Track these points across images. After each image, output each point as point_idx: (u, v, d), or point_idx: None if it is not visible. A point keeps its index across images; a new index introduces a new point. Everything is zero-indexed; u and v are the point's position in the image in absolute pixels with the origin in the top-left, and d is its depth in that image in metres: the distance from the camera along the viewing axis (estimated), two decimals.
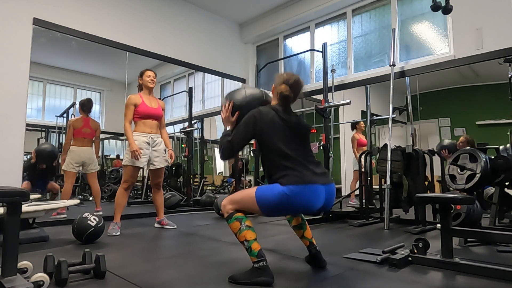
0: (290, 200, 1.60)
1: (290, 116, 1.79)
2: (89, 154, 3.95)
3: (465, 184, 2.85)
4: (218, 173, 7.05)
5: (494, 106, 3.62)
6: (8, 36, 3.36)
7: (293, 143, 1.73)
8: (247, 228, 1.64)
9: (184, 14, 4.96)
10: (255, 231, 1.66)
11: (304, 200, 1.63)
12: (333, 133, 4.58)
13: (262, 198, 1.64)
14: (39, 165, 4.02)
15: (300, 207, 1.65)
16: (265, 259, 1.61)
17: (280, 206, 1.62)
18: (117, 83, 4.84)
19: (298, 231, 1.93)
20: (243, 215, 1.68)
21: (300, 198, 1.61)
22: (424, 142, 4.06)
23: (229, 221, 1.67)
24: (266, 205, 1.64)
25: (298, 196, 1.61)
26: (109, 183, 5.09)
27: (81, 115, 4.00)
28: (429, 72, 3.72)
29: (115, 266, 1.89)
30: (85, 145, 3.94)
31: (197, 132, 5.94)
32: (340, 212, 3.94)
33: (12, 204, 1.42)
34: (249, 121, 1.75)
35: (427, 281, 1.68)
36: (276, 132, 1.72)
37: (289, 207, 1.63)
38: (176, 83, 5.66)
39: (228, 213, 1.69)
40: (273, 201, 1.62)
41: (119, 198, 3.02)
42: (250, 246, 1.61)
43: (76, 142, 3.92)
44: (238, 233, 1.64)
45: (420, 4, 4.01)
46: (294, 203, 1.61)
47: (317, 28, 5.11)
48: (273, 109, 1.77)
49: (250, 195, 1.67)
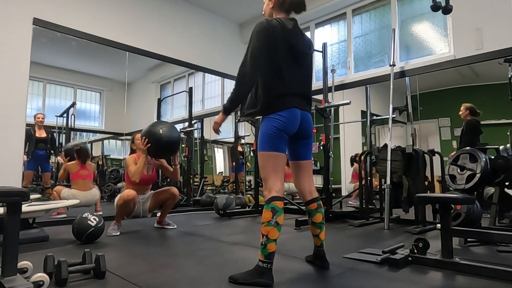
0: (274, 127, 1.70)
1: (296, 34, 1.80)
2: (93, 196, 3.89)
3: (465, 184, 2.85)
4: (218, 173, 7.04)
5: (494, 106, 3.62)
6: (8, 36, 3.36)
7: (290, 64, 1.77)
8: (275, 225, 1.61)
9: (184, 14, 4.96)
10: (280, 230, 1.64)
11: (284, 121, 1.71)
12: (333, 133, 4.58)
13: (263, 145, 1.71)
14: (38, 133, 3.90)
15: (286, 128, 1.72)
16: (272, 262, 1.60)
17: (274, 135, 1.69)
18: (117, 83, 4.83)
19: (315, 229, 1.89)
20: (280, 207, 1.65)
21: (286, 121, 1.71)
22: (424, 142, 4.06)
23: (266, 206, 1.66)
24: (269, 144, 1.70)
25: (284, 120, 1.71)
26: (109, 183, 5.09)
27: (76, 161, 3.90)
28: (429, 72, 3.72)
29: (115, 266, 1.89)
30: (87, 189, 3.84)
31: (197, 132, 5.93)
32: (340, 212, 3.94)
33: (12, 204, 1.41)
34: (260, 30, 1.72)
35: (427, 281, 1.67)
36: (278, 49, 1.73)
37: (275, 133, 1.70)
38: (176, 83, 5.66)
39: (267, 197, 1.68)
40: (269, 136, 1.70)
41: (122, 207, 2.90)
42: (266, 243, 1.59)
43: (77, 186, 3.80)
44: (264, 224, 1.62)
45: (420, 4, 4.01)
46: (278, 127, 1.70)
47: (317, 28, 5.11)
48: (279, 23, 1.76)
49: (261, 162, 1.73)
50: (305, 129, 1.82)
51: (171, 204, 3.20)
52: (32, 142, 3.85)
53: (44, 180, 4.09)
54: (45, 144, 4.01)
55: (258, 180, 4.82)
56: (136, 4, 4.43)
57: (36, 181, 4.06)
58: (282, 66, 1.75)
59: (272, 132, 1.70)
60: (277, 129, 1.70)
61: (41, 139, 3.96)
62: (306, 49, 1.86)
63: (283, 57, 1.75)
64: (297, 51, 1.80)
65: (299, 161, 1.90)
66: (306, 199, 1.89)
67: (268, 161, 1.71)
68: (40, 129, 3.98)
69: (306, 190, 1.89)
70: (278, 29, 1.74)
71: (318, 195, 1.91)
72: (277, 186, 1.69)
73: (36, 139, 3.90)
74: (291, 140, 1.81)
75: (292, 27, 1.80)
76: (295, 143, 1.86)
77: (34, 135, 3.89)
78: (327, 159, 3.75)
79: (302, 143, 1.87)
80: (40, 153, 3.95)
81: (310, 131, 1.87)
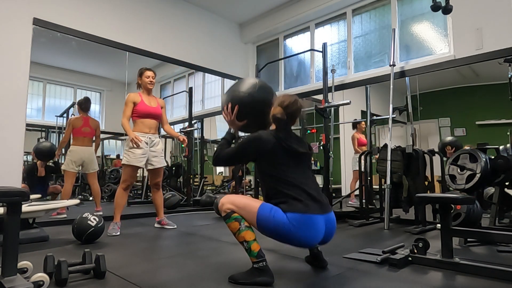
0: (291, 231, 1.57)
1: (291, 142, 1.74)
2: (89, 153, 3.94)
3: (465, 184, 2.85)
4: (218, 173, 7.05)
5: (494, 106, 3.62)
6: (8, 36, 3.36)
7: (294, 170, 1.70)
8: (246, 228, 1.62)
9: (184, 14, 4.96)
10: (254, 231, 1.65)
11: (305, 233, 1.58)
12: (333, 133, 4.58)
13: (263, 219, 1.61)
14: (38, 172, 4.07)
15: (299, 241, 1.61)
16: (264, 259, 1.60)
17: (279, 233, 1.60)
18: (117, 83, 4.84)
19: None
20: (240, 215, 1.66)
21: (301, 231, 1.57)
22: (424, 142, 4.06)
23: (228, 220, 1.65)
24: (265, 226, 1.61)
25: (300, 228, 1.57)
26: (109, 183, 5.09)
27: (80, 114, 4.00)
28: (429, 72, 3.72)
29: (115, 266, 1.89)
30: (85, 145, 3.93)
31: (197, 132, 5.94)
32: (340, 212, 3.94)
33: (12, 204, 1.42)
34: (249, 145, 1.74)
35: (427, 281, 1.68)
36: (277, 159, 1.70)
37: (288, 238, 1.60)
38: (176, 83, 5.66)
39: (226, 212, 1.66)
40: (274, 227, 1.59)
41: (118, 198, 3.02)
42: (249, 246, 1.60)
43: (76, 142, 3.91)
44: (237, 233, 1.63)
45: (420, 4, 4.01)
46: (294, 235, 1.57)
47: (317, 28, 5.11)
48: (273, 136, 1.73)
49: (252, 209, 1.63)
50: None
51: (158, 199, 3.27)
52: (35, 180, 4.05)
53: (51, 191, 4.26)
54: (44, 181, 4.20)
55: (258, 180, 4.83)
56: (136, 4, 4.43)
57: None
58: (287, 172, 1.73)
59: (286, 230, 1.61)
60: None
61: (41, 178, 4.15)
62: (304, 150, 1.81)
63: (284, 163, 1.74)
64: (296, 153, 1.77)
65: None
66: None
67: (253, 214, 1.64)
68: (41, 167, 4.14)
69: None
70: (271, 141, 1.73)
71: None
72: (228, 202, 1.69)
73: (37, 178, 4.09)
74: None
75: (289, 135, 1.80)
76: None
77: (36, 174, 4.08)
78: (327, 159, 3.75)
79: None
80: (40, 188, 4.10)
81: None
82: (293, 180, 1.66)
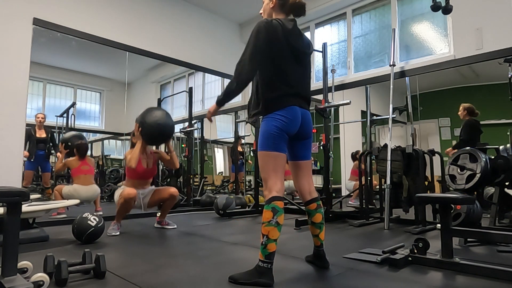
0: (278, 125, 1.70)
1: (295, 34, 1.81)
2: (94, 191, 3.88)
3: (465, 184, 2.85)
4: (218, 173, 7.04)
5: (494, 106, 3.62)
6: (8, 36, 3.36)
7: (291, 64, 1.77)
8: (275, 225, 1.61)
9: (184, 14, 4.96)
10: (280, 231, 1.63)
11: (288, 121, 1.72)
12: (333, 133, 4.58)
13: (264, 144, 1.71)
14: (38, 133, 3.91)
15: (287, 128, 1.72)
16: (272, 263, 1.59)
17: (275, 134, 1.69)
18: (117, 83, 4.83)
19: (315, 229, 1.88)
20: (281, 207, 1.65)
21: (287, 121, 1.71)
22: (424, 142, 4.06)
23: (266, 206, 1.65)
24: (269, 144, 1.70)
25: (285, 120, 1.71)
26: (109, 183, 5.09)
27: (76, 157, 3.89)
28: (429, 72, 3.72)
29: (115, 266, 1.89)
30: (88, 183, 3.84)
31: (197, 132, 5.93)
32: (340, 212, 3.94)
33: (12, 204, 1.41)
34: (260, 30, 1.73)
35: (427, 281, 1.68)
36: (279, 49, 1.74)
37: (280, 130, 1.71)
38: (176, 83, 5.66)
39: (267, 197, 1.68)
40: (269, 136, 1.70)
41: (122, 207, 2.91)
42: (267, 243, 1.59)
43: (79, 181, 3.80)
44: (265, 224, 1.61)
45: (420, 4, 4.01)
46: (282, 125, 1.70)
47: (317, 28, 5.11)
48: (280, 23, 1.76)
49: (261, 161, 1.72)
50: (305, 129, 1.82)
51: (170, 204, 3.19)
52: (33, 142, 3.85)
53: (44, 180, 4.09)
54: (45, 144, 4.02)
55: (258, 180, 4.83)
56: (136, 4, 4.43)
57: (36, 181, 4.06)
58: (282, 66, 1.76)
59: (273, 131, 1.70)
60: (278, 128, 1.70)
61: (41, 139, 3.96)
62: (305, 49, 1.87)
63: (283, 57, 1.76)
64: (297, 51, 1.81)
65: (298, 161, 1.90)
66: (306, 199, 1.89)
67: (268, 161, 1.71)
68: (40, 129, 3.98)
69: (306, 190, 1.89)
70: (279, 29, 1.74)
71: (317, 195, 1.91)
72: (277, 186, 1.68)
73: (36, 139, 3.90)
74: (290, 140, 1.81)
75: (292, 28, 1.81)
76: (294, 143, 1.86)
77: (34, 135, 3.89)
78: (327, 159, 3.75)
79: (301, 143, 1.87)
80: (40, 153, 3.94)
81: (310, 131, 1.87)
82: (284, 75, 1.76)
